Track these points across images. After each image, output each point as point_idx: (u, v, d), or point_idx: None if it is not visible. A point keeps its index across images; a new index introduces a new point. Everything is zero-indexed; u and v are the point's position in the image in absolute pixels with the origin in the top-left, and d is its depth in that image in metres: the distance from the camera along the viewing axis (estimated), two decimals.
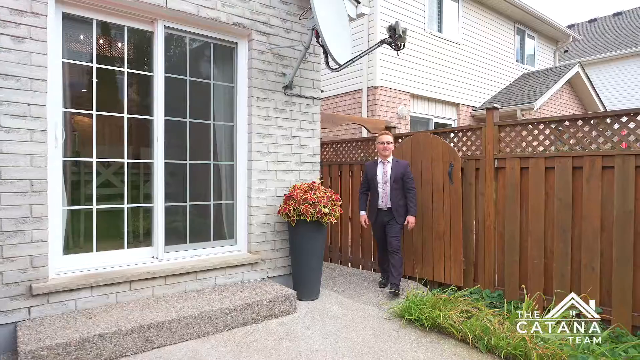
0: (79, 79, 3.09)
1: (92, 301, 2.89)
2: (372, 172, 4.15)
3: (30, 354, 2.27)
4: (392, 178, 4.02)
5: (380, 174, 4.10)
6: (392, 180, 4.01)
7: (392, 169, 4.06)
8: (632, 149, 3.15)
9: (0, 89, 2.52)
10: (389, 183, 4.04)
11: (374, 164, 4.19)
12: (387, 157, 4.11)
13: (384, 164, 4.12)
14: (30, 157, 2.64)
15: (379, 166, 4.13)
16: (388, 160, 4.11)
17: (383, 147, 4.07)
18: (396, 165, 4.07)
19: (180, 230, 3.55)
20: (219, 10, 3.44)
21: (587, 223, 3.37)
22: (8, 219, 2.57)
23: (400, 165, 4.08)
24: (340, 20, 3.71)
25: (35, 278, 2.68)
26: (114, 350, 2.53)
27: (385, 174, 4.07)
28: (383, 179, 4.08)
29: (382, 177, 4.08)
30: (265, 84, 3.76)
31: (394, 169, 4.05)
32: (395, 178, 4.02)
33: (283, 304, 3.35)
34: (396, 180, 4.01)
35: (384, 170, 4.09)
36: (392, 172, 4.03)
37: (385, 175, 4.07)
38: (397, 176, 4.02)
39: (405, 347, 2.82)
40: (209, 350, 2.69)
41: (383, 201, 4.08)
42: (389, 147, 4.07)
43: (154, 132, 3.31)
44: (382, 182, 4.08)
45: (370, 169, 4.20)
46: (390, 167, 4.07)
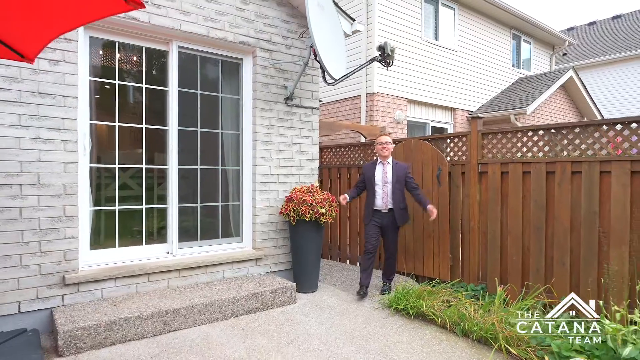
0: (103, 94, 3.49)
1: (115, 291, 3.28)
2: (371, 172, 4.09)
3: (68, 333, 2.67)
4: (394, 179, 3.98)
5: (380, 175, 4.03)
6: (395, 181, 3.97)
7: (392, 170, 4.02)
8: (597, 156, 3.50)
9: (39, 106, 2.92)
10: (390, 184, 3.99)
11: (373, 165, 4.14)
12: (387, 157, 4.08)
13: (384, 165, 4.07)
14: (63, 165, 3.04)
15: (378, 167, 4.08)
16: (388, 162, 4.08)
17: (382, 147, 4.04)
18: (397, 167, 4.05)
19: (192, 228, 3.95)
20: (226, 30, 3.82)
21: (558, 223, 3.71)
22: (45, 218, 2.97)
23: (401, 167, 4.06)
24: (336, 38, 4.09)
25: (68, 270, 3.08)
26: (137, 332, 2.92)
27: (385, 174, 4.02)
28: (383, 180, 4.01)
29: (381, 178, 4.02)
30: (268, 95, 4.14)
31: (395, 170, 4.01)
32: (397, 179, 3.97)
33: (284, 295, 3.73)
34: (399, 181, 3.97)
35: (383, 171, 4.04)
36: (394, 173, 3.99)
37: (386, 175, 4.01)
38: (399, 177, 3.98)
39: (391, 331, 3.19)
40: (219, 334, 3.08)
41: (383, 202, 4.00)
42: (388, 147, 4.05)
43: (168, 141, 3.70)
44: (381, 183, 4.02)
45: (368, 169, 4.14)
46: (391, 168, 4.04)
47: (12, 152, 2.83)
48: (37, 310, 2.96)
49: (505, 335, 2.83)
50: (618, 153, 3.43)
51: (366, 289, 4.02)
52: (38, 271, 2.95)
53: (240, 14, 3.91)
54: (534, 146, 3.95)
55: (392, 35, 7.75)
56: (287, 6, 4.24)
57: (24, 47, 2.07)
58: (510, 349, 2.77)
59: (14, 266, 2.86)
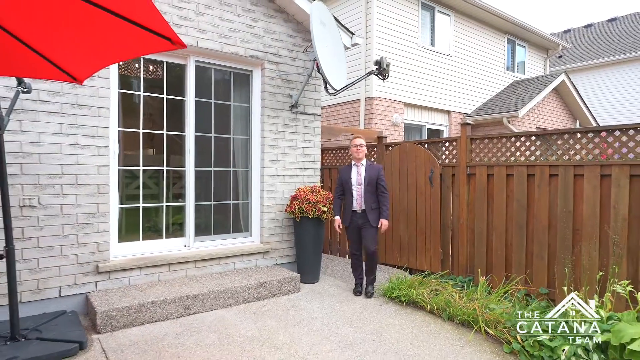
0: (129, 104, 3.90)
1: (141, 279, 3.70)
2: (347, 175, 4.17)
3: (105, 314, 3.09)
4: (365, 181, 4.06)
5: (355, 177, 4.12)
6: (366, 183, 4.05)
7: (366, 171, 4.11)
8: (571, 161, 3.90)
9: (78, 117, 3.33)
10: (362, 185, 4.08)
11: (349, 168, 4.22)
12: (361, 159, 4.16)
13: (358, 167, 4.16)
14: (97, 167, 3.45)
15: (353, 169, 4.16)
16: (362, 163, 4.16)
17: (356, 149, 4.11)
18: (370, 168, 4.13)
19: (206, 224, 4.36)
20: (238, 46, 4.23)
21: (537, 221, 4.12)
22: (82, 214, 3.39)
23: (374, 169, 4.13)
24: (337, 51, 4.49)
25: (100, 260, 3.50)
26: (162, 314, 3.34)
27: (359, 176, 4.10)
28: (357, 182, 4.10)
29: (356, 180, 4.11)
30: (275, 104, 4.55)
31: (368, 172, 4.09)
32: (369, 181, 4.05)
33: (289, 284, 4.14)
34: (370, 183, 4.05)
35: (358, 173, 4.12)
36: (366, 175, 4.08)
37: (360, 177, 4.10)
38: (371, 179, 4.06)
39: (385, 316, 3.61)
40: (233, 317, 3.50)
41: (357, 203, 4.10)
42: (361, 149, 4.11)
43: (186, 145, 4.12)
44: (356, 185, 4.11)
45: (344, 172, 4.22)
46: (364, 170, 4.12)
47: (55, 157, 3.25)
48: (75, 294, 3.38)
49: (484, 319, 3.25)
50: (603, 157, 3.80)
51: (361, 285, 4.26)
52: (76, 260, 3.37)
53: (251, 31, 4.31)
54: (516, 151, 4.36)
55: (389, 43, 8.14)
56: (292, 22, 4.64)
57: (77, 71, 2.48)
58: (489, 330, 3.18)
59: (56, 256, 3.28)
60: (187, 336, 3.08)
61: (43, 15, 1.92)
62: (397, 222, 5.32)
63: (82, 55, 2.27)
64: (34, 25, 2.02)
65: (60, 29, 2.02)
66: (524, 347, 2.87)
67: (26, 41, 2.17)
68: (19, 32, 2.11)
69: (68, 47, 2.21)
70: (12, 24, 2.04)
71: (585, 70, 15.31)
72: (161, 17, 1.75)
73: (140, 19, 1.81)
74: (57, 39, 2.13)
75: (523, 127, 9.84)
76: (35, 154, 3.18)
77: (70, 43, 2.17)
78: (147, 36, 1.90)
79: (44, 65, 2.38)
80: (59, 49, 2.25)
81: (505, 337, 3.04)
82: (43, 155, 3.20)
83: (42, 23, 1.99)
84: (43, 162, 3.20)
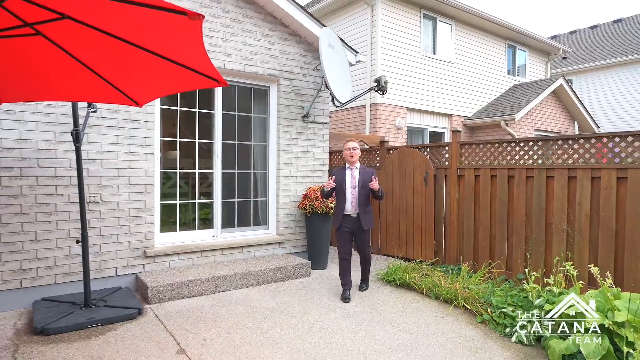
0: (169, 117, 4.66)
1: (179, 263, 4.46)
2: (341, 177, 4.19)
3: (154, 288, 3.85)
4: (360, 183, 4.12)
5: (349, 180, 4.16)
6: (361, 186, 4.11)
7: (359, 174, 4.16)
8: (544, 164, 4.53)
9: (130, 129, 4.09)
10: (357, 188, 4.12)
11: (342, 170, 4.25)
12: (354, 163, 4.20)
13: (352, 170, 4.20)
14: (145, 171, 4.21)
15: (347, 172, 4.20)
16: (356, 167, 4.21)
17: (350, 153, 4.17)
18: (363, 172, 4.18)
19: (231, 218, 5.11)
20: (257, 66, 4.95)
21: (516, 216, 4.75)
22: (134, 209, 4.15)
23: (368, 172, 4.18)
24: (342, 69, 5.18)
25: (147, 246, 4.27)
26: (197, 291, 4.09)
27: (353, 179, 4.15)
28: (352, 184, 4.14)
29: (350, 182, 4.15)
30: (289, 114, 5.26)
31: (362, 175, 4.16)
32: (363, 184, 4.11)
33: (301, 269, 4.86)
34: (364, 185, 4.11)
35: (352, 176, 4.17)
36: (360, 178, 4.13)
37: (354, 180, 4.14)
38: (365, 182, 4.11)
39: (382, 295, 4.31)
40: (255, 294, 4.23)
41: (352, 206, 4.12)
42: (355, 152, 4.17)
43: (214, 151, 4.86)
44: (350, 187, 4.14)
45: (338, 174, 4.22)
46: (358, 173, 4.18)
47: (112, 163, 4.02)
48: (127, 274, 4.16)
49: (463, 296, 3.92)
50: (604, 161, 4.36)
51: (349, 291, 4.19)
52: (128, 246, 4.14)
53: (268, 52, 5.03)
54: (499, 155, 4.99)
55: (393, 52, 8.78)
56: (304, 44, 5.34)
57: (139, 98, 3.22)
58: (466, 305, 3.86)
59: (113, 242, 4.06)
60: (219, 307, 3.83)
61: (118, 57, 2.62)
62: (396, 218, 5.99)
63: (147, 87, 3.02)
64: (110, 64, 2.75)
65: (132, 68, 2.75)
66: (492, 317, 3.54)
67: (103, 75, 2.91)
68: (98, 68, 2.83)
69: (137, 81, 2.96)
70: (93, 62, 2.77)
71: (590, 71, 15.66)
72: (211, 64, 2.45)
73: (197, 66, 2.53)
74: (129, 74, 2.87)
75: (521, 130, 10.38)
76: (98, 160, 3.95)
77: (140, 78, 2.91)
78: (200, 77, 2.62)
79: (115, 93, 3.12)
80: (129, 82, 2.99)
81: (479, 311, 3.72)
82: (104, 161, 3.98)
83: (117, 63, 2.71)
84: (104, 167, 3.98)
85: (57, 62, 2.65)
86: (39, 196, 3.66)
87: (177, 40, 2.19)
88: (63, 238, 3.77)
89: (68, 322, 3.20)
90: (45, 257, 3.71)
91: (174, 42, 2.25)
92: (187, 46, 2.22)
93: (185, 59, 2.48)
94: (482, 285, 4.25)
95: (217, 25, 4.61)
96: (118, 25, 2.18)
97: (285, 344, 3.10)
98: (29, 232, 3.62)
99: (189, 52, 2.36)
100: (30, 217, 3.63)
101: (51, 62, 2.67)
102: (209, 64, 2.44)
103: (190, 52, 2.35)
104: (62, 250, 3.77)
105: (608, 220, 3.98)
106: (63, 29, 2.30)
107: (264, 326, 3.41)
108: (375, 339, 3.22)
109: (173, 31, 2.09)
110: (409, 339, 3.25)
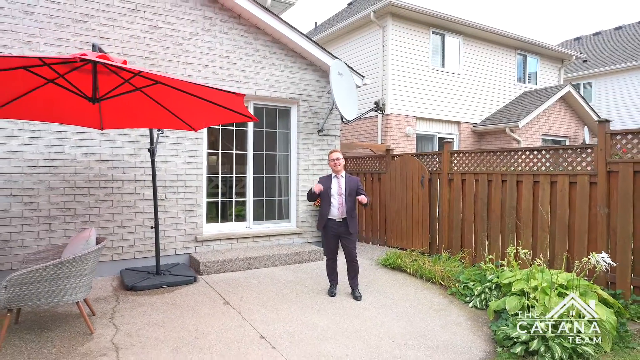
0: (212, 134, 5.99)
1: (221, 247, 5.78)
2: (327, 184, 4.41)
3: (204, 264, 5.18)
4: (347, 191, 4.35)
5: (335, 187, 4.39)
6: (347, 193, 4.35)
7: (346, 182, 4.41)
8: (515, 171, 5.49)
9: (186, 145, 5.45)
10: (344, 195, 4.35)
11: (328, 178, 4.47)
12: (340, 172, 4.44)
13: (338, 178, 4.43)
14: (196, 176, 5.56)
15: (333, 180, 4.43)
16: (342, 175, 4.45)
17: (334, 163, 4.39)
18: (349, 180, 4.43)
19: (260, 212, 6.39)
20: (281, 92, 6.20)
21: (494, 214, 5.73)
22: (188, 204, 5.51)
23: (353, 180, 4.43)
24: (350, 92, 6.33)
25: (198, 233, 5.61)
26: (235, 267, 5.38)
27: (339, 186, 4.39)
28: (338, 192, 4.37)
29: (336, 190, 4.38)
30: (306, 129, 6.47)
31: (348, 183, 4.40)
32: (350, 191, 4.36)
33: (316, 255, 6.06)
34: (351, 193, 4.36)
35: (338, 184, 4.40)
36: (347, 186, 4.39)
37: (340, 187, 4.38)
38: (351, 189, 4.37)
39: (378, 274, 5.43)
40: (279, 271, 5.47)
41: (339, 212, 4.35)
42: (339, 162, 4.39)
43: (247, 160, 6.15)
44: (337, 194, 4.36)
45: (324, 182, 4.44)
46: (344, 181, 4.42)
47: (173, 170, 5.38)
48: (183, 254, 5.52)
49: (440, 275, 4.99)
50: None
51: (336, 287, 4.63)
52: (184, 233, 5.50)
53: (290, 80, 6.27)
54: (480, 163, 5.98)
55: (403, 68, 9.81)
56: (319, 71, 6.54)
57: (195, 125, 4.52)
58: (442, 282, 4.92)
59: (173, 229, 5.42)
60: (251, 279, 5.10)
61: (186, 102, 3.89)
62: (399, 215, 7.07)
63: (201, 119, 4.31)
64: (179, 106, 4.04)
65: (194, 109, 4.04)
66: (458, 290, 4.59)
67: (174, 112, 4.22)
68: (171, 107, 4.14)
69: (196, 116, 4.25)
70: (168, 104, 4.07)
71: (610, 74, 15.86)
72: (245, 108, 3.67)
73: (238, 109, 3.77)
74: (191, 112, 4.16)
75: (527, 135, 11.09)
76: (163, 168, 5.33)
77: (199, 114, 4.20)
78: (239, 116, 3.88)
79: (178, 122, 4.44)
80: (190, 115, 4.29)
81: (450, 285, 4.77)
82: (168, 169, 5.35)
83: (184, 105, 3.99)
84: (167, 173, 5.35)
85: (144, 104, 3.99)
86: (124, 194, 5.08)
87: (226, 97, 3.44)
88: (140, 225, 5.17)
89: (148, 283, 4.56)
90: (128, 239, 5.12)
91: (224, 99, 3.51)
92: (233, 101, 3.48)
93: (231, 106, 3.74)
94: (458, 267, 5.29)
95: (249, 62, 5.90)
96: (188, 88, 3.46)
97: (299, 302, 4.31)
98: (117, 220, 5.04)
99: (234, 103, 3.62)
100: (118, 210, 5.05)
101: (140, 104, 4.01)
102: (244, 108, 3.69)
103: (234, 103, 3.61)
104: (139, 234, 5.17)
105: (563, 217, 4.91)
106: (153, 88, 3.62)
107: (284, 291, 4.65)
108: (365, 302, 4.37)
109: (225, 95, 3.35)
110: (391, 302, 4.37)
